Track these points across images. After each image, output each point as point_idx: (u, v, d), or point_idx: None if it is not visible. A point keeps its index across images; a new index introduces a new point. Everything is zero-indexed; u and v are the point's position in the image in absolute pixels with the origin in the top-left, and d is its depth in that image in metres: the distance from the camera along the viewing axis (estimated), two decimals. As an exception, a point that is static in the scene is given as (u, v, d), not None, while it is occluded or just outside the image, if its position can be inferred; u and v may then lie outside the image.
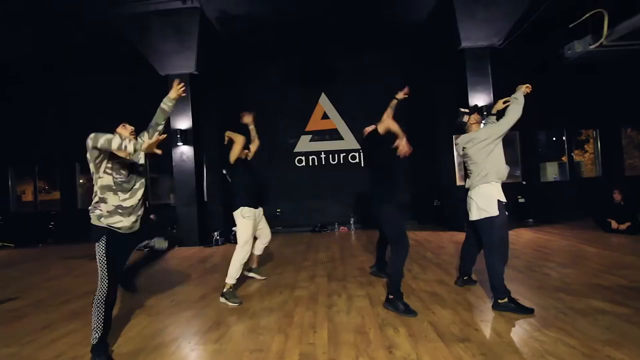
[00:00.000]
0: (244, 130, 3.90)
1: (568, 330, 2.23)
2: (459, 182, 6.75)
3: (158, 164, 8.91)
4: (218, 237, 6.83)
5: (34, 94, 9.00)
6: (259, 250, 3.89)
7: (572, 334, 2.18)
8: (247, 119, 4.00)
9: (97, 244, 2.16)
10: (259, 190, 3.70)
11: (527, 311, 2.51)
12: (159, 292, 3.70)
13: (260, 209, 3.64)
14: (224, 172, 3.74)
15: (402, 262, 2.75)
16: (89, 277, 4.70)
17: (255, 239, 3.56)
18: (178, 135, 6.74)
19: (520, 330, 2.28)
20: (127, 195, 2.28)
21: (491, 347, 2.07)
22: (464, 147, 2.86)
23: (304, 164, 8.56)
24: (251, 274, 3.91)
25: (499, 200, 2.65)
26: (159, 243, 2.57)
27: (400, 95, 3.35)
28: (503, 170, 2.74)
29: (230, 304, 3.09)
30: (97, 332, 2.08)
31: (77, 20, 6.25)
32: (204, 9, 6.13)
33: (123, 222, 2.23)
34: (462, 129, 2.94)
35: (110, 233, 2.20)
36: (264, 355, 2.10)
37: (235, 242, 3.38)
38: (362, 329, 2.40)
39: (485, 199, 2.67)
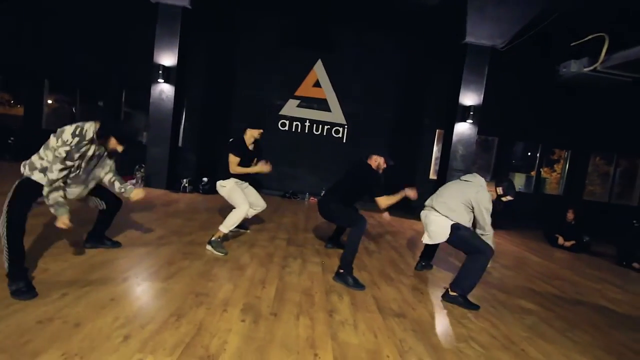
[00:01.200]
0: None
1: (494, 323, 2.42)
2: (431, 176, 6.94)
3: (135, 99, 8.47)
4: (186, 185, 6.71)
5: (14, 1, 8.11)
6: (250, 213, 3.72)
7: (497, 326, 2.38)
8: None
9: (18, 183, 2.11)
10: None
11: (474, 307, 2.62)
12: (116, 226, 3.62)
13: (246, 184, 3.67)
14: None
15: (359, 239, 2.85)
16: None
17: None
18: (160, 72, 6.38)
19: (451, 315, 2.46)
20: (75, 188, 2.35)
21: (422, 325, 2.23)
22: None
23: (286, 128, 8.42)
24: (238, 230, 3.95)
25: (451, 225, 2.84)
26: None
27: (411, 195, 3.17)
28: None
29: (216, 252, 3.10)
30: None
31: None
32: (209, -62, 5.63)
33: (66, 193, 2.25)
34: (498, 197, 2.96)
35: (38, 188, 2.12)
36: (209, 300, 2.15)
37: (204, 193, 3.46)
38: (309, 292, 2.49)
39: (440, 228, 2.86)
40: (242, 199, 3.31)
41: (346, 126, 8.46)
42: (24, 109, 8.79)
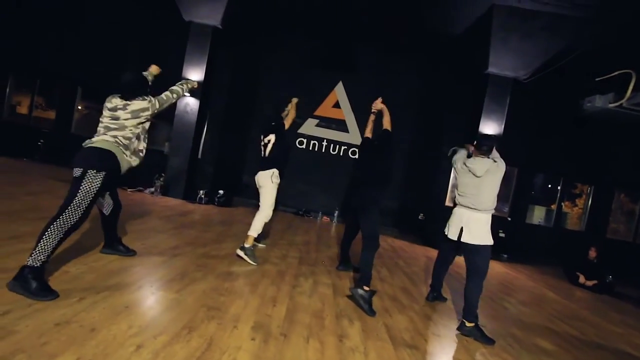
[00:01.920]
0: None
1: (510, 362, 2.32)
2: (447, 203, 6.84)
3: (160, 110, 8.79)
4: (203, 196, 6.83)
5: (54, 8, 8.72)
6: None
7: (514, 366, 2.27)
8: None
9: (93, 172, 2.15)
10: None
11: (489, 341, 2.55)
12: (133, 233, 3.72)
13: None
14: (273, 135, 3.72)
15: (373, 256, 2.99)
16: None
17: None
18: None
19: (466, 351, 2.37)
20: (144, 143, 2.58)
21: (435, 359, 2.15)
22: (472, 168, 2.85)
23: (304, 146, 8.54)
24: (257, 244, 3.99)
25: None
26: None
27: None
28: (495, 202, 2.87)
29: (249, 261, 3.29)
30: (42, 255, 1.97)
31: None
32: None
33: (131, 163, 2.44)
34: (481, 150, 2.92)
35: (116, 164, 2.29)
36: (220, 315, 2.15)
37: (219, 205, 3.59)
38: (320, 314, 2.46)
39: (485, 227, 2.78)
40: (272, 202, 3.51)
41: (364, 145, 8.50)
42: (56, 113, 9.25)
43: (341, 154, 8.54)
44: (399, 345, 2.22)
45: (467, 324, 2.61)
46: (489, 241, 2.74)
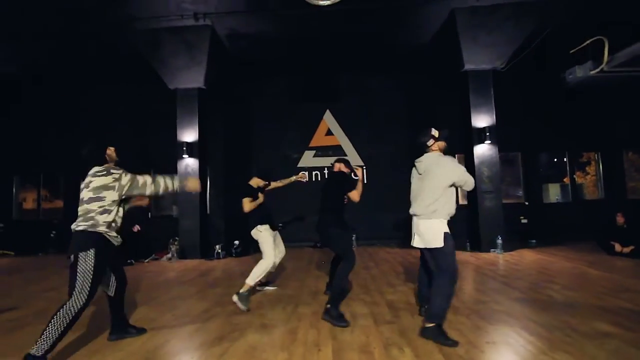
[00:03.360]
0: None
1: (575, 354, 2.20)
2: (461, 201, 6.80)
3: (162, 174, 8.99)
4: (220, 251, 6.80)
5: (45, 103, 9.16)
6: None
7: (579, 358, 2.16)
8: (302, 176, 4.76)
9: (83, 254, 2.17)
10: (270, 214, 4.01)
11: (451, 343, 2.36)
12: (160, 305, 3.68)
13: (276, 233, 4.05)
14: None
15: (347, 273, 3.03)
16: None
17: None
18: (184, 148, 6.83)
19: (526, 353, 2.26)
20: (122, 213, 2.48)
21: (498, 369, 2.05)
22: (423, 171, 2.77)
23: (306, 179, 8.59)
24: (263, 288, 4.10)
25: (445, 233, 2.60)
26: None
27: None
28: (454, 209, 2.71)
29: (241, 306, 3.25)
30: (46, 344, 1.96)
31: (90, 34, 6.45)
32: (214, 26, 6.32)
33: (114, 236, 2.41)
34: (422, 149, 2.88)
35: (102, 241, 2.25)
36: (267, 373, 2.08)
37: (236, 256, 3.65)
38: (367, 348, 2.38)
39: (430, 231, 2.63)
40: (271, 250, 3.63)
41: (364, 167, 8.57)
42: (63, 202, 9.44)
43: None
44: (457, 363, 2.12)
45: (427, 324, 2.49)
46: (438, 244, 2.57)
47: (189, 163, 6.91)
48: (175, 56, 6.62)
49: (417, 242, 2.75)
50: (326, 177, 3.64)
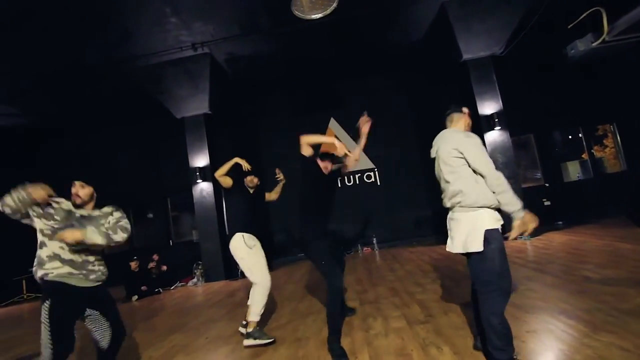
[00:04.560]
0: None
1: (619, 333, 2.13)
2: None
3: (177, 203, 9.19)
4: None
5: (62, 150, 9.52)
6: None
7: (624, 336, 2.08)
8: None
9: (42, 305, 1.93)
10: (257, 219, 3.31)
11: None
12: (192, 330, 3.73)
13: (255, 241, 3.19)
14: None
15: (334, 302, 2.47)
16: (125, 319, 4.77)
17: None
18: (197, 173, 6.97)
19: (569, 338, 2.19)
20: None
21: (537, 356, 2.00)
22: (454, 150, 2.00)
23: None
24: (242, 329, 3.12)
25: (487, 231, 1.87)
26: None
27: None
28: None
29: (262, 341, 2.80)
30: None
31: (97, 78, 6.73)
32: (213, 53, 6.51)
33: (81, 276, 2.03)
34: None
35: (57, 288, 1.95)
36: (308, 386, 2.08)
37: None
38: (404, 351, 2.35)
39: (465, 232, 1.94)
40: (259, 269, 2.97)
41: (376, 169, 8.56)
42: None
43: (357, 182, 8.58)
44: (498, 356, 2.07)
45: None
46: (476, 247, 1.86)
47: (204, 187, 7.04)
48: (179, 87, 6.82)
49: (449, 245, 2.12)
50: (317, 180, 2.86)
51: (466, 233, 1.92)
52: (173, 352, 3.09)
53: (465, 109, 2.26)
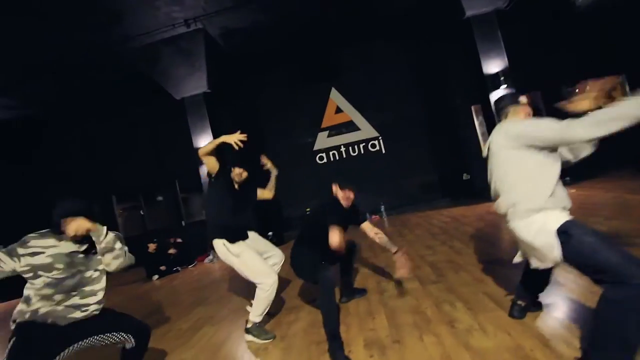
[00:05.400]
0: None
1: None
2: (484, 154, 6.64)
3: (186, 184, 9.30)
4: (256, 245, 7.04)
5: (63, 139, 9.55)
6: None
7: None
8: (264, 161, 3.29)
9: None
10: (241, 222, 2.85)
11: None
12: (214, 303, 3.91)
13: (251, 235, 2.88)
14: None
15: (328, 301, 2.17)
16: (149, 297, 5.01)
17: None
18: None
19: (578, 289, 2.27)
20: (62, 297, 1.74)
21: (554, 309, 2.09)
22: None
23: (325, 160, 8.65)
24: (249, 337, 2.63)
25: (557, 231, 1.52)
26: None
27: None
28: (549, 190, 1.62)
29: (261, 340, 2.51)
30: None
31: (93, 65, 6.62)
32: (206, 29, 6.31)
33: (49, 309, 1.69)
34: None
35: (25, 328, 1.64)
36: (330, 346, 2.21)
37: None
38: (419, 309, 2.47)
39: (535, 243, 1.60)
40: (257, 271, 2.57)
41: (380, 137, 8.50)
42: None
43: (362, 151, 8.57)
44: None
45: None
46: (553, 257, 1.55)
47: (210, 167, 7.09)
48: (175, 66, 6.69)
49: (518, 257, 1.88)
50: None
51: (537, 243, 1.62)
52: (200, 323, 3.27)
53: (523, 98, 1.90)
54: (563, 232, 1.50)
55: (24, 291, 1.72)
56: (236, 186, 2.89)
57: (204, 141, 7.03)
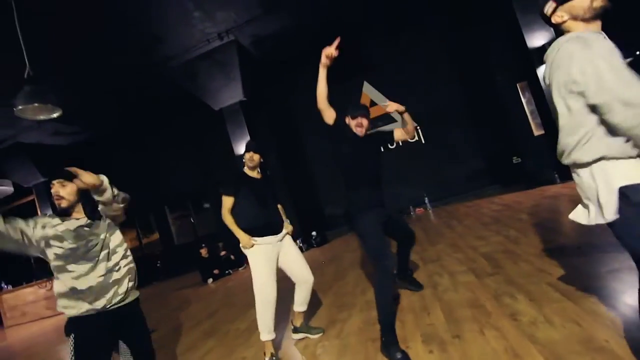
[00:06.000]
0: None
1: None
2: (536, 132, 6.19)
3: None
4: (301, 245, 7.18)
5: (120, 156, 10.42)
6: (299, 304, 2.71)
7: None
8: None
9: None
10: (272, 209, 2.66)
11: None
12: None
13: (280, 235, 2.59)
14: None
15: (384, 289, 2.11)
16: (207, 300, 5.33)
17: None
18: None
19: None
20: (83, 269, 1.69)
21: (624, 295, 1.90)
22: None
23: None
24: (299, 335, 2.69)
25: (622, 188, 1.19)
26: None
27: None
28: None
29: (313, 335, 2.55)
30: None
31: (140, 85, 7.16)
32: (238, 39, 6.54)
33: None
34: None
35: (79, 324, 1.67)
36: (386, 342, 2.20)
37: (317, 246, 2.89)
38: (477, 303, 2.37)
39: (594, 194, 1.28)
40: (262, 277, 2.51)
41: (418, 128, 8.25)
42: (158, 234, 10.76)
43: (400, 143, 8.35)
44: (579, 299, 2.01)
45: None
46: (608, 214, 1.25)
47: (251, 171, 7.34)
48: (212, 79, 7.01)
49: (573, 213, 1.50)
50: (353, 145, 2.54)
51: (596, 194, 1.31)
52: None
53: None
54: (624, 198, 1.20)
55: (54, 287, 1.70)
56: (255, 173, 2.67)
57: (243, 147, 7.29)
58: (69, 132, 8.48)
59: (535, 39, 5.62)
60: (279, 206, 2.77)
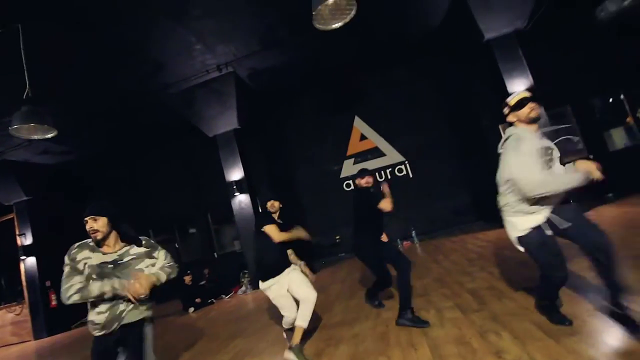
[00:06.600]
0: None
1: (692, 306, 2.06)
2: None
3: (217, 217, 9.63)
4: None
5: (106, 179, 10.29)
6: (298, 318, 2.94)
7: (698, 309, 2.01)
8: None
9: None
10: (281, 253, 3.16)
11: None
12: (252, 335, 3.95)
13: (288, 269, 3.11)
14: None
15: (409, 278, 2.99)
16: (187, 331, 5.11)
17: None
18: (234, 187, 7.30)
19: (632, 314, 2.14)
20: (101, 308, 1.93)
21: (605, 337, 1.98)
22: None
23: (352, 187, 8.71)
24: (290, 355, 2.76)
25: (520, 237, 2.38)
26: None
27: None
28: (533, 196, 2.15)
29: None
30: None
31: (136, 109, 7.26)
32: (236, 71, 6.79)
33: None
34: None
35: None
36: (373, 379, 2.19)
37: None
38: (463, 339, 2.40)
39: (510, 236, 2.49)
40: (282, 305, 3.08)
41: (406, 162, 8.52)
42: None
43: (388, 176, 8.58)
44: (560, 337, 2.08)
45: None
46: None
47: (242, 199, 7.35)
48: (208, 107, 7.18)
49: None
50: (353, 194, 3.48)
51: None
52: (240, 356, 3.32)
53: None
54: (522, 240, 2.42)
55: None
56: (276, 217, 3.21)
57: (236, 175, 7.35)
58: (59, 152, 8.39)
59: (515, 86, 6.03)
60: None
